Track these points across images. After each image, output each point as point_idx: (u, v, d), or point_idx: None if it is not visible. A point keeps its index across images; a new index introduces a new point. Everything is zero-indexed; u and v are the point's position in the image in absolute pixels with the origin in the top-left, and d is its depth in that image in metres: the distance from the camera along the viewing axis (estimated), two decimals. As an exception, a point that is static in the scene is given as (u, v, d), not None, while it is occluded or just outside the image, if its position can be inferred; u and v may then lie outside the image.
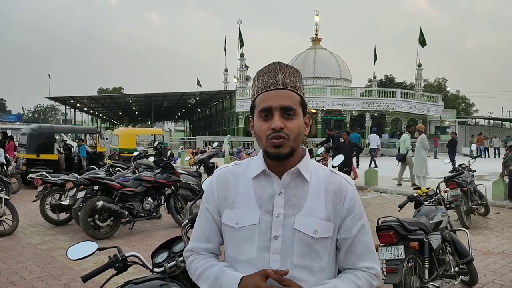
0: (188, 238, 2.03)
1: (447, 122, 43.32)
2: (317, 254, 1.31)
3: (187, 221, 2.13)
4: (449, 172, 7.95)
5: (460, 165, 8.40)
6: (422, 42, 38.64)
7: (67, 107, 47.95)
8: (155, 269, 2.16)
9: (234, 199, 1.36)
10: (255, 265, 1.29)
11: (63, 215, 7.62)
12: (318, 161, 10.56)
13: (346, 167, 9.99)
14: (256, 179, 1.36)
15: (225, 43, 41.76)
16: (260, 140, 1.32)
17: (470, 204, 7.43)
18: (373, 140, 19.55)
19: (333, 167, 8.58)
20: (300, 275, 1.28)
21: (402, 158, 12.35)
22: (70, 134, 20.89)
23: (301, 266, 1.29)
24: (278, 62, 1.36)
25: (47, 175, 7.85)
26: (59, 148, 14.66)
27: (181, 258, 2.12)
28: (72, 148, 14.81)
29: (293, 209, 1.31)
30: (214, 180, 1.43)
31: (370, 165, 16.43)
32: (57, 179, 7.66)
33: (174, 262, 2.13)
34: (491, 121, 61.29)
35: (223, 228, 1.39)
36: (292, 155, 1.31)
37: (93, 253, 1.96)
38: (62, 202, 7.40)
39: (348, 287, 1.30)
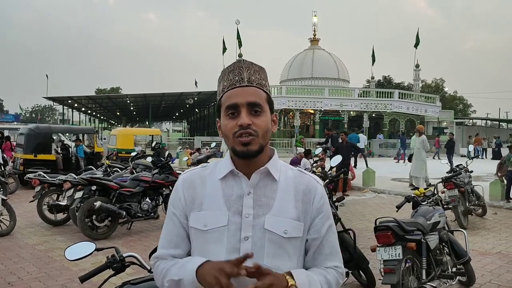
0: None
1: (445, 123, 43.39)
2: (287, 254, 1.30)
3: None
4: (447, 172, 7.98)
5: (457, 166, 8.42)
6: (416, 43, 38.78)
7: (65, 107, 47.93)
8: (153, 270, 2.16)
9: (201, 201, 1.32)
10: None
11: (60, 216, 7.61)
12: (316, 161, 10.57)
13: (344, 168, 10.00)
14: (223, 180, 1.32)
15: (224, 43, 41.69)
16: (227, 139, 1.29)
17: (467, 205, 7.45)
18: (361, 140, 20.14)
19: (331, 167, 8.59)
20: None
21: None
22: (68, 134, 20.82)
23: (271, 267, 1.23)
24: (243, 59, 1.35)
25: (45, 175, 7.84)
26: (56, 148, 14.63)
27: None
28: (70, 148, 14.78)
29: (262, 209, 1.28)
30: (179, 184, 1.39)
31: (367, 165, 16.45)
32: (55, 179, 7.64)
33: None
34: (489, 122, 61.47)
35: (190, 232, 1.35)
36: (261, 153, 1.28)
37: (91, 253, 1.96)
38: (60, 203, 7.39)
39: (319, 277, 1.31)
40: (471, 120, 59.34)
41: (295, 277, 1.23)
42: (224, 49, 38.47)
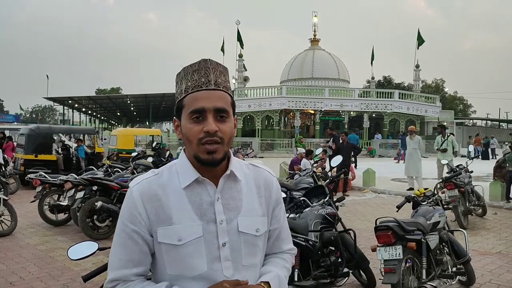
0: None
1: (445, 123, 43.38)
2: (259, 250, 1.33)
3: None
4: (447, 172, 7.98)
5: (457, 166, 8.43)
6: (419, 42, 38.74)
7: (65, 107, 47.93)
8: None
9: (169, 214, 1.23)
10: (209, 278, 1.23)
11: (61, 216, 7.62)
12: (317, 161, 10.60)
13: (344, 168, 10.02)
14: (188, 188, 1.25)
15: (223, 43, 41.70)
16: (189, 144, 1.24)
17: (467, 205, 7.46)
18: (352, 140, 20.11)
19: (331, 167, 8.61)
20: (248, 275, 1.28)
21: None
22: (73, 134, 20.84)
23: (249, 265, 1.29)
24: (209, 59, 1.28)
25: (46, 175, 7.85)
26: (57, 149, 14.64)
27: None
28: (71, 149, 14.80)
29: (233, 212, 1.27)
30: (136, 197, 1.24)
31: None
32: (56, 179, 7.65)
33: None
34: (489, 122, 61.44)
35: (158, 248, 1.24)
36: (224, 160, 1.26)
37: (94, 253, 1.97)
38: (61, 203, 7.40)
39: (283, 272, 1.38)
40: (471, 121, 59.26)
41: (272, 285, 1.29)
42: (223, 49, 38.49)
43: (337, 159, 6.45)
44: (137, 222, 1.24)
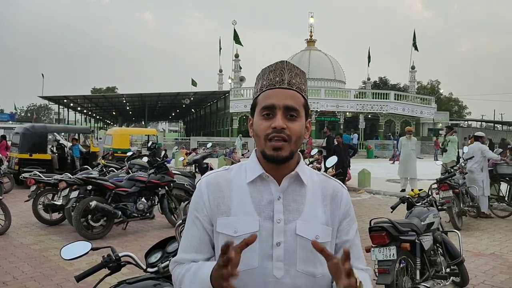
0: (182, 238, 2.04)
1: (440, 124, 43.61)
2: (319, 260, 1.24)
3: (181, 221, 2.14)
4: (441, 173, 8.02)
5: (452, 167, 8.47)
6: (415, 46, 38.97)
7: (61, 106, 47.72)
8: (149, 269, 2.17)
9: (229, 206, 1.28)
10: (258, 275, 1.23)
11: (56, 215, 7.59)
12: (312, 162, 10.61)
13: (341, 169, 10.03)
14: (252, 184, 1.28)
15: (220, 43, 41.74)
16: (258, 140, 1.26)
17: (461, 206, 7.49)
18: (345, 141, 20.26)
19: (326, 168, 8.63)
20: (303, 283, 1.25)
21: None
22: (63, 134, 20.75)
23: (304, 273, 1.24)
24: (286, 61, 1.32)
25: (40, 174, 7.82)
26: (52, 148, 14.59)
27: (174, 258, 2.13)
28: (65, 148, 14.75)
29: (292, 214, 1.26)
30: (203, 187, 1.33)
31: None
32: (50, 179, 7.63)
33: (167, 262, 2.13)
34: (484, 123, 61.79)
35: (216, 237, 1.29)
36: (291, 159, 1.26)
37: (87, 252, 1.97)
38: (55, 202, 7.37)
39: (363, 274, 1.32)
40: (466, 122, 59.60)
41: (355, 273, 1.18)
42: (220, 49, 38.50)
43: (332, 160, 6.47)
44: (200, 210, 1.31)
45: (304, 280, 1.25)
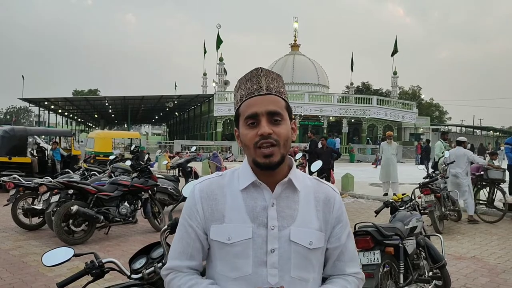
0: (167, 244, 2.01)
1: (421, 129, 44.30)
2: (311, 265, 1.30)
3: (166, 226, 2.11)
4: (423, 178, 8.13)
5: (434, 172, 8.59)
6: (394, 51, 39.63)
7: (41, 108, 46.89)
8: (133, 276, 2.14)
9: (222, 213, 1.29)
10: (252, 282, 1.24)
11: (35, 220, 7.43)
12: (297, 166, 10.62)
13: (324, 173, 10.07)
14: (245, 191, 1.29)
15: (204, 46, 41.61)
16: (247, 149, 1.27)
17: (443, 210, 7.60)
18: (330, 145, 20.50)
19: (311, 172, 8.65)
20: None
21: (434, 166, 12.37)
22: (43, 137, 20.35)
23: (298, 279, 1.26)
24: (260, 67, 1.33)
25: (20, 178, 7.65)
26: (32, 151, 14.30)
27: (159, 264, 2.10)
28: (46, 151, 14.48)
29: (286, 220, 1.27)
30: (197, 194, 1.33)
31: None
32: (30, 182, 7.46)
33: (152, 268, 2.11)
34: (463, 128, 62.99)
35: (211, 245, 1.31)
36: (282, 163, 1.27)
37: (69, 259, 1.92)
38: (35, 207, 7.22)
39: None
40: (446, 127, 60.67)
41: None
42: (205, 52, 38.45)
43: (317, 164, 6.49)
44: (193, 218, 1.32)
45: (298, 286, 1.27)
